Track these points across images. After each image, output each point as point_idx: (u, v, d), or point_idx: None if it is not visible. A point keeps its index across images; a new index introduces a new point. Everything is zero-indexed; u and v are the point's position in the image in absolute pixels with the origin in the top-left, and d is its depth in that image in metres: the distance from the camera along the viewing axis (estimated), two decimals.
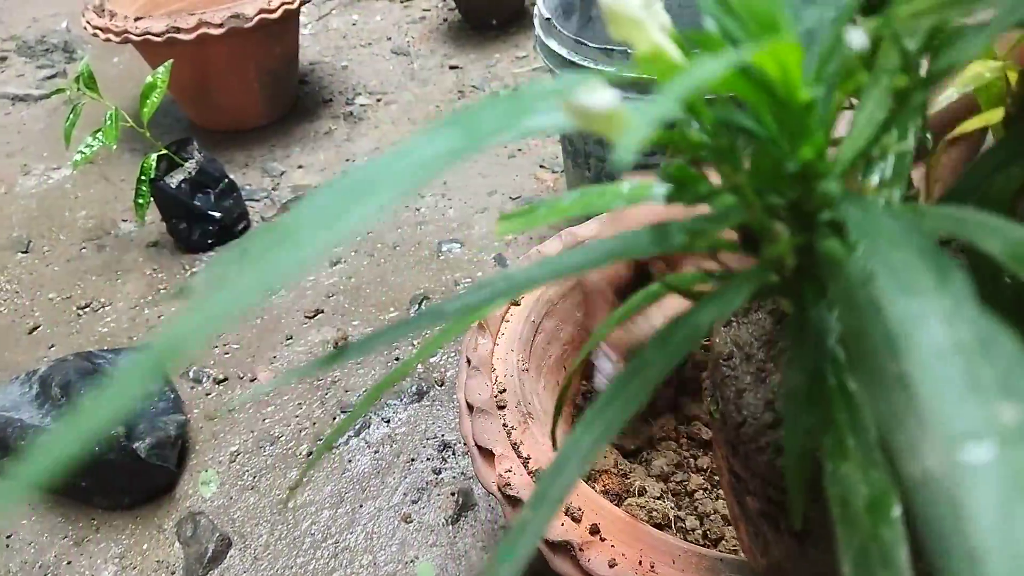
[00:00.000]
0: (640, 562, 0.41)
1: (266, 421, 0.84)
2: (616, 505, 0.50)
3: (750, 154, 0.15)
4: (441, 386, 0.86)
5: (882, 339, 0.11)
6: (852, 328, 0.12)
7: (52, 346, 0.95)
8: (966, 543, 0.08)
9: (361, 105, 1.38)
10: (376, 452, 0.80)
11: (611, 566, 0.41)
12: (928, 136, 0.27)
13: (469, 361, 0.54)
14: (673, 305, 0.36)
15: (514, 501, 0.45)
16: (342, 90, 1.43)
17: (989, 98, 0.28)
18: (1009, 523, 0.08)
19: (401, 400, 0.85)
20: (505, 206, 1.11)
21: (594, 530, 0.42)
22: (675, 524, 0.51)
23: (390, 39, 1.59)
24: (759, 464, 0.28)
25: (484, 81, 1.42)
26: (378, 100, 1.39)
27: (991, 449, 0.09)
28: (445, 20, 1.62)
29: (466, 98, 1.38)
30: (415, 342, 0.91)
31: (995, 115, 0.26)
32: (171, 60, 1.02)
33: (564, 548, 0.42)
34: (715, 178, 0.17)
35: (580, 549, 0.41)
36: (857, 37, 0.15)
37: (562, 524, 0.43)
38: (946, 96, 0.31)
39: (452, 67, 1.47)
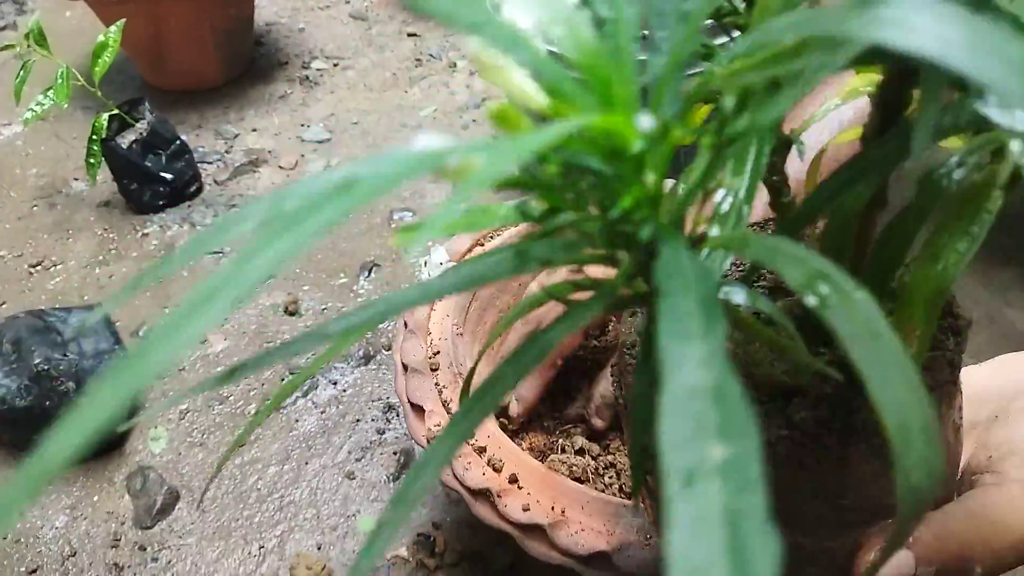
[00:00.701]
0: (552, 508, 0.45)
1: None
2: (540, 461, 0.54)
3: (594, 193, 0.18)
4: (388, 351, 0.89)
5: (657, 375, 0.13)
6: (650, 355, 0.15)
7: (2, 303, 0.96)
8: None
9: (317, 69, 1.39)
10: (323, 412, 0.83)
11: (524, 510, 0.45)
12: (797, 150, 0.30)
13: (406, 324, 0.57)
14: None
15: None
16: (298, 53, 1.43)
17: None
18: (691, 548, 0.11)
19: (348, 363, 0.88)
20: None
21: (512, 479, 0.46)
22: (593, 480, 0.55)
23: (348, 3, 1.59)
24: (652, 444, 0.32)
25: (441, 51, 1.43)
26: (335, 65, 1.40)
27: (701, 483, 0.11)
28: None
29: (423, 66, 1.39)
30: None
31: (857, 131, 0.27)
32: (123, 19, 1.02)
33: (484, 494, 0.46)
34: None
35: (498, 496, 0.45)
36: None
37: (483, 473, 0.47)
38: (825, 108, 0.34)
39: (410, 34, 1.48)
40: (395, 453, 0.79)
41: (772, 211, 0.30)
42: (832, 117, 0.42)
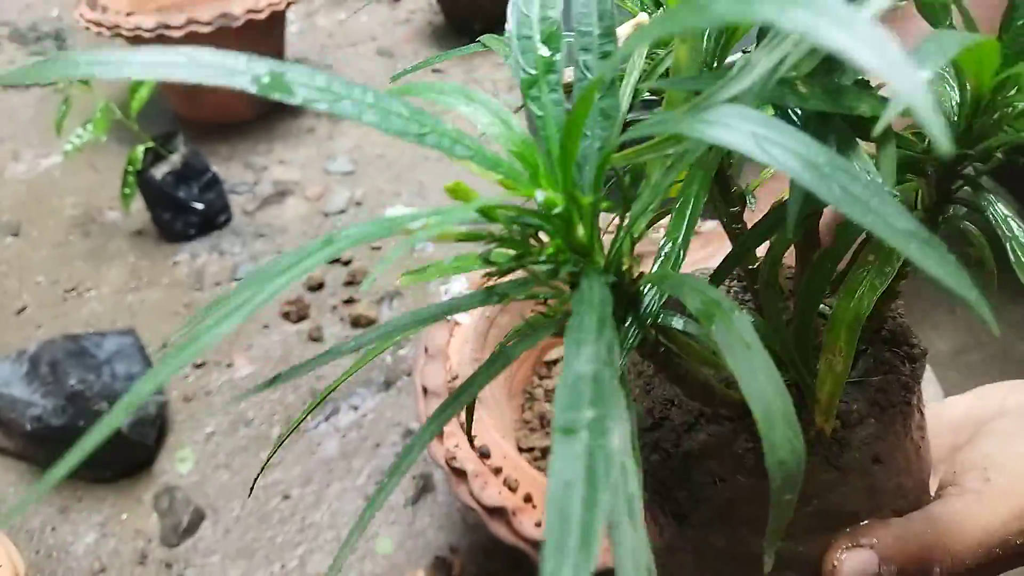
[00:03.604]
0: None
1: (241, 404, 0.89)
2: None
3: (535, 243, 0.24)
4: (408, 376, 0.92)
5: None
6: None
7: (39, 327, 1.00)
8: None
9: None
10: (344, 437, 0.86)
11: (538, 526, 0.47)
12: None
13: (427, 350, 0.60)
14: None
15: (459, 472, 0.51)
16: None
17: None
18: (564, 470, 0.16)
19: (369, 389, 0.90)
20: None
21: (527, 498, 0.48)
22: None
23: (375, 40, 1.64)
24: (641, 460, 0.34)
25: (465, 85, 1.47)
26: None
27: (575, 433, 0.17)
28: (429, 23, 1.67)
29: None
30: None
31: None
32: None
33: (499, 512, 0.48)
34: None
35: (513, 514, 0.48)
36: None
37: (499, 493, 0.49)
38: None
39: (435, 70, 1.52)
40: (414, 478, 0.81)
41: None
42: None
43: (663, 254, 0.29)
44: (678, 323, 0.27)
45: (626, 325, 0.27)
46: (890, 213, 0.18)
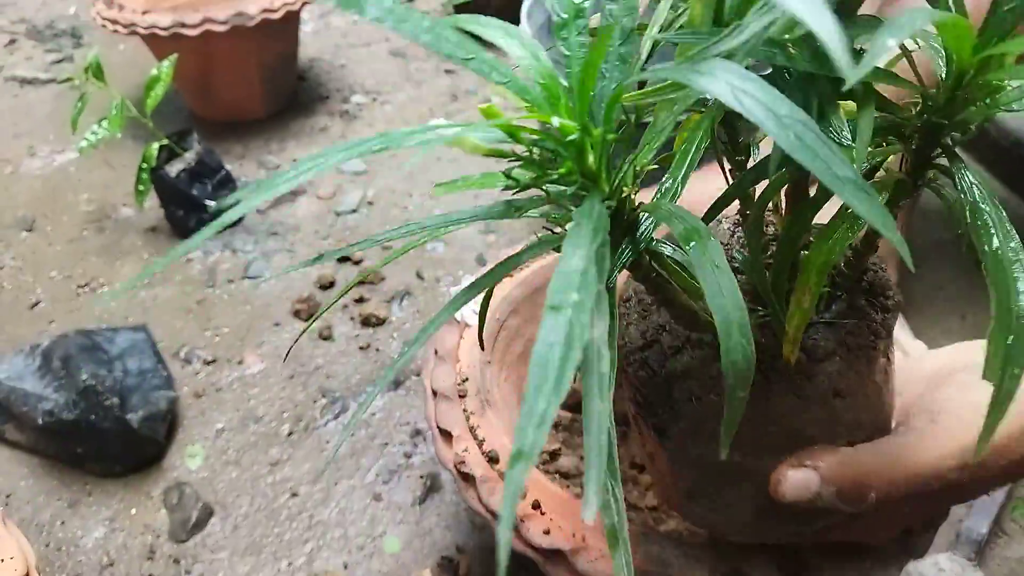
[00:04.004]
0: (574, 534, 0.47)
1: (251, 402, 0.90)
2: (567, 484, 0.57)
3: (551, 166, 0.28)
4: (417, 376, 0.92)
5: None
6: None
7: (52, 321, 1.01)
8: None
9: (357, 103, 1.44)
10: (353, 435, 0.86)
11: (546, 533, 0.47)
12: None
13: (436, 351, 0.60)
14: None
15: (468, 477, 0.51)
16: (339, 88, 1.48)
17: None
18: (548, 337, 0.21)
19: (378, 388, 0.90)
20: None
21: (535, 505, 0.48)
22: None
23: (388, 40, 1.64)
24: (631, 376, 0.40)
25: (478, 86, 1.47)
26: (374, 99, 1.45)
27: (561, 310, 0.22)
28: None
29: (459, 101, 1.43)
30: (394, 334, 0.97)
31: None
32: (176, 55, 1.07)
33: None
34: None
35: (521, 520, 0.48)
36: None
37: None
38: None
39: (447, 71, 1.53)
40: (421, 477, 0.81)
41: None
42: None
43: (663, 188, 0.32)
44: (667, 249, 0.32)
45: (622, 246, 0.31)
46: (835, 162, 0.21)
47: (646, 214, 0.30)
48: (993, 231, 0.29)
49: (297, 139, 1.34)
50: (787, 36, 0.27)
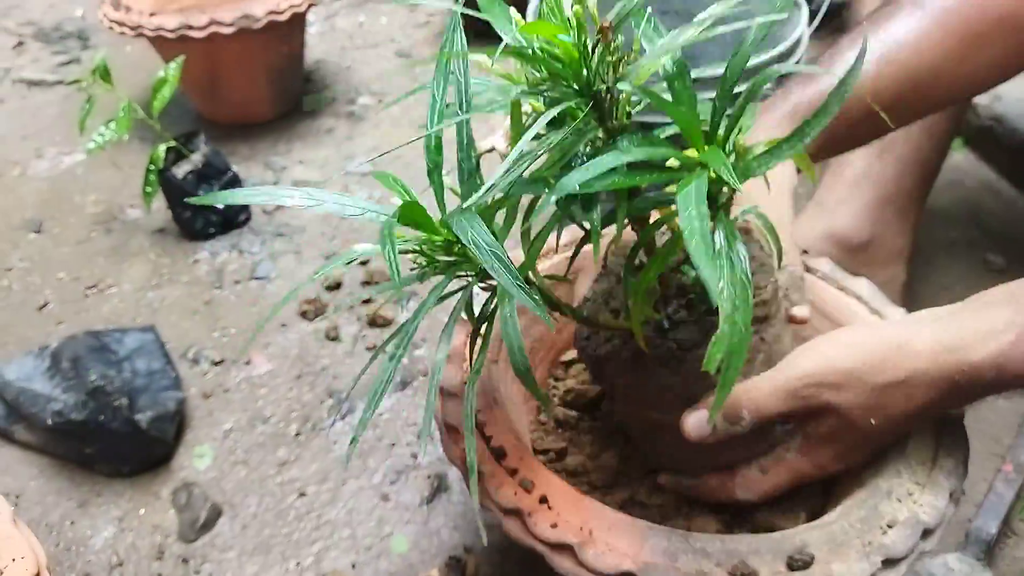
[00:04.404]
0: (580, 528, 0.48)
1: (259, 402, 0.90)
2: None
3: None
4: (424, 376, 0.92)
5: None
6: None
7: (60, 323, 1.01)
8: None
9: (363, 105, 1.44)
10: (360, 436, 0.86)
11: (553, 527, 0.47)
12: None
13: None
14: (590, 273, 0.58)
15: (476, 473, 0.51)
16: (345, 89, 1.48)
17: None
18: None
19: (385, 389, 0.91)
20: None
21: (543, 499, 0.49)
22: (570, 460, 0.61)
23: (394, 41, 1.65)
24: (584, 357, 0.57)
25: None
26: (379, 101, 1.45)
27: None
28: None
29: None
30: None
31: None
32: (183, 56, 1.08)
33: (515, 513, 0.49)
34: None
35: (528, 514, 0.48)
36: None
37: (515, 493, 0.50)
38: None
39: (452, 73, 1.53)
40: (428, 477, 0.81)
41: None
42: None
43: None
44: None
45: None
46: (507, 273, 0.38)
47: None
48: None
49: (303, 141, 1.34)
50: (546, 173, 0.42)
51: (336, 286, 1.04)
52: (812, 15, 0.99)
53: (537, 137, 0.40)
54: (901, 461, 0.52)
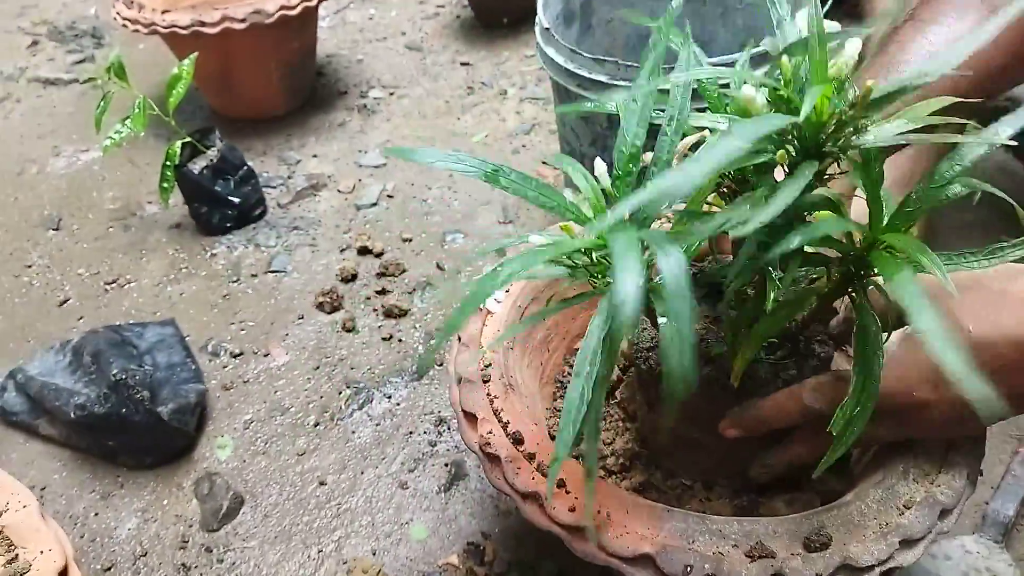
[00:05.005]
0: (598, 511, 0.48)
1: (277, 393, 0.91)
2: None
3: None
4: (440, 367, 0.93)
5: None
6: None
7: (81, 318, 1.02)
8: None
9: (375, 98, 1.45)
10: (378, 425, 0.87)
11: (571, 511, 0.47)
12: None
13: (460, 338, 0.60)
14: None
15: (493, 458, 0.52)
16: (357, 83, 1.49)
17: None
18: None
19: (402, 378, 0.92)
20: (507, 199, 1.17)
21: (560, 483, 0.49)
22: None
23: (404, 34, 1.65)
24: (639, 366, 0.56)
25: (493, 78, 1.48)
26: (391, 93, 1.46)
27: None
28: (458, 17, 1.68)
29: (475, 94, 1.44)
30: (416, 325, 0.98)
31: None
32: (196, 53, 1.08)
33: (533, 497, 0.49)
34: None
35: (545, 498, 0.48)
36: None
37: (532, 478, 0.50)
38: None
39: (463, 63, 1.53)
40: (446, 465, 0.82)
41: None
42: None
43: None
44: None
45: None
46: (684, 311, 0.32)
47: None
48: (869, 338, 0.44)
49: (316, 135, 1.35)
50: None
51: (352, 277, 1.05)
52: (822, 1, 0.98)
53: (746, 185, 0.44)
54: (917, 441, 0.52)
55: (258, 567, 0.75)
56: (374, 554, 0.75)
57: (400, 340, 0.97)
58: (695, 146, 0.47)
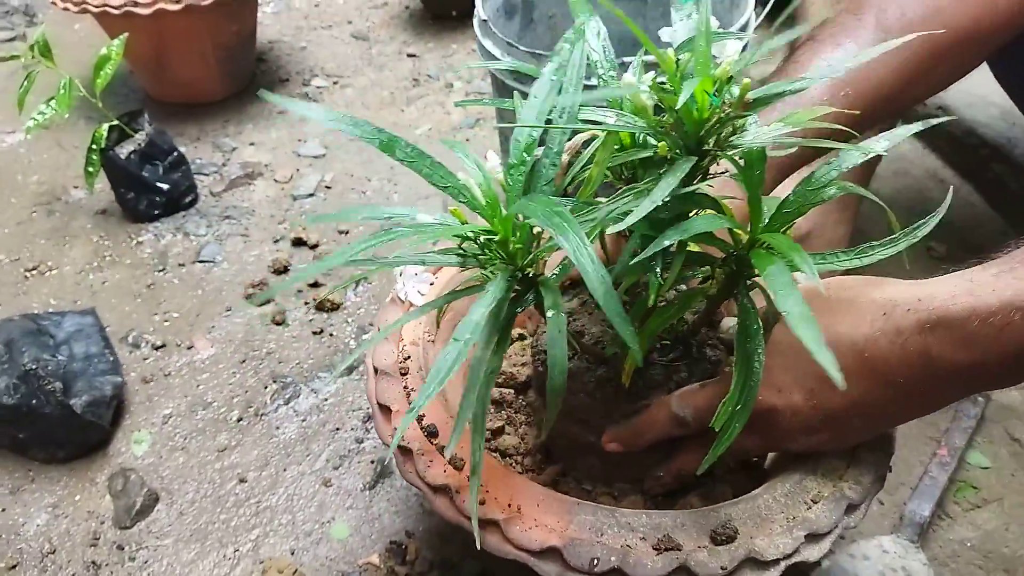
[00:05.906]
0: (509, 504, 0.47)
1: (200, 387, 0.89)
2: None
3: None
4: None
5: None
6: None
7: None
8: None
9: (317, 87, 1.42)
10: (304, 421, 0.85)
11: (481, 503, 0.47)
12: None
13: (379, 330, 0.59)
14: None
15: (406, 451, 0.51)
16: (299, 70, 1.46)
17: None
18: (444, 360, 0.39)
19: (331, 373, 0.90)
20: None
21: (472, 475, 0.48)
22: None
23: (351, 23, 1.62)
24: (535, 366, 0.59)
25: (439, 71, 1.46)
26: (335, 83, 1.43)
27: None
28: (407, 8, 1.65)
29: (420, 86, 1.42)
30: (349, 319, 0.96)
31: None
32: (126, 34, 1.05)
33: (444, 491, 0.48)
34: None
35: (456, 491, 0.48)
36: None
37: (444, 471, 0.49)
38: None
39: (410, 55, 1.51)
40: (372, 462, 0.81)
41: None
42: None
43: (561, 263, 0.48)
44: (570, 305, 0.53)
45: (526, 296, 0.44)
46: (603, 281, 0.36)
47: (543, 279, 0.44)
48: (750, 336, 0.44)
49: (255, 122, 1.32)
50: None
51: (284, 269, 1.02)
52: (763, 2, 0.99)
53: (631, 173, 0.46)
54: None
55: (171, 566, 0.72)
56: (293, 553, 0.73)
57: (331, 335, 0.95)
58: (587, 143, 0.47)
